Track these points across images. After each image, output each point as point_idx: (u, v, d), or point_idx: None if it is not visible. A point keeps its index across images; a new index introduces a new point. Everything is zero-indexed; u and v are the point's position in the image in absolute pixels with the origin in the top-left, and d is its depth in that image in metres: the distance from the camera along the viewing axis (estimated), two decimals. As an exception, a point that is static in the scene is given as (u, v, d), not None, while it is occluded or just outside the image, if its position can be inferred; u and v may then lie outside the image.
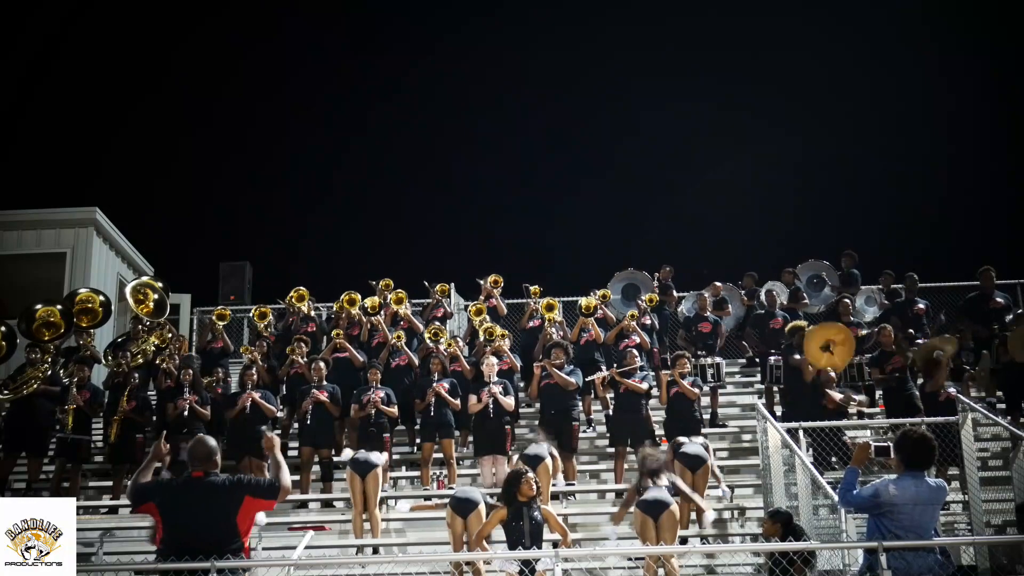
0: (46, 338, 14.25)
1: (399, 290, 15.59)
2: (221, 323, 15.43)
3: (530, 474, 9.24)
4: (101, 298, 15.23)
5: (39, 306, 14.43)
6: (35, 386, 13.37)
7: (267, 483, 6.61)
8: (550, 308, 14.69)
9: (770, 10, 30.20)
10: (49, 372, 13.72)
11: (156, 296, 15.30)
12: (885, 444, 7.27)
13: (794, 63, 29.74)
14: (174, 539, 6.32)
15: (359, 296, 15.33)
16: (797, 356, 13.12)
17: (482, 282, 16.02)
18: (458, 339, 15.21)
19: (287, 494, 6.70)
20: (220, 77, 33.05)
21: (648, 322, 15.18)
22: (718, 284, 16.71)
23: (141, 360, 14.64)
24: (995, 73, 29.27)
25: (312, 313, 16.02)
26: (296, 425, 13.82)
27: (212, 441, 6.74)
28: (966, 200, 28.37)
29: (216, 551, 6.20)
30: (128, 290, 15.65)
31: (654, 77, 31.38)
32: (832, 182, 29.72)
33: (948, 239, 26.66)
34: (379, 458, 11.67)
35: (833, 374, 12.62)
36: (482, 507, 10.01)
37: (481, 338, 14.34)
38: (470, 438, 13.40)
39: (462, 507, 10.04)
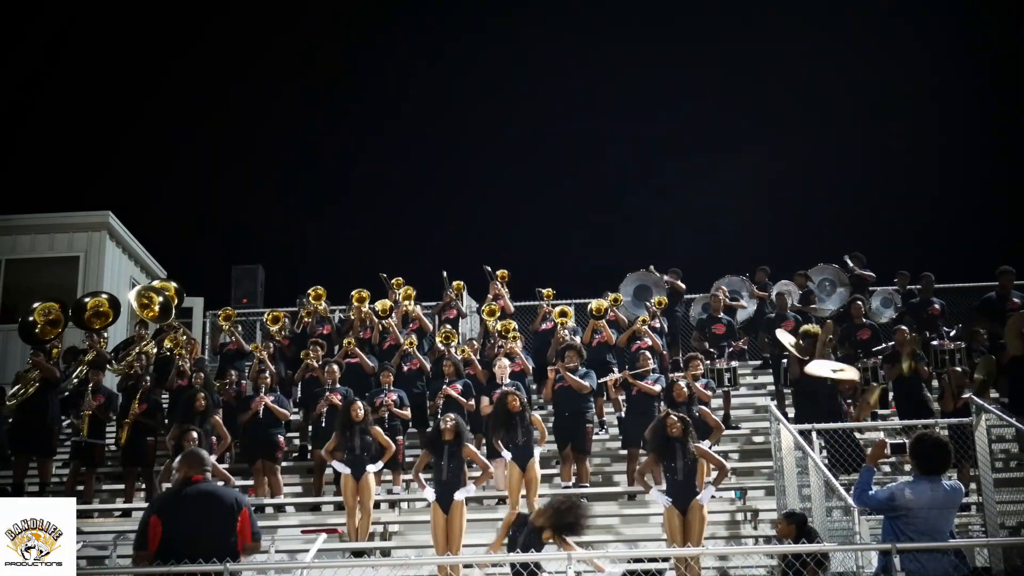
0: (50, 337, 14.34)
1: (408, 287, 15.59)
2: (227, 323, 15.43)
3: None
4: (105, 296, 15.29)
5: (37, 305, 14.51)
6: (35, 387, 13.36)
7: (258, 533, 6.81)
8: (563, 315, 14.64)
9: (779, 10, 30.15)
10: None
11: (161, 299, 15.35)
12: (901, 442, 7.24)
13: (803, 64, 29.71)
14: (175, 539, 6.34)
15: (368, 294, 15.34)
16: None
17: (488, 269, 15.98)
18: (473, 342, 15.19)
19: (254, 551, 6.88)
20: (231, 80, 33.17)
21: (658, 325, 15.14)
22: (724, 288, 16.62)
23: (144, 361, 14.65)
24: (1008, 73, 29.22)
25: (328, 315, 16.03)
26: (311, 428, 13.86)
27: (204, 451, 7.15)
28: (978, 201, 28.32)
29: (217, 551, 6.28)
30: (132, 295, 15.72)
31: (665, 75, 31.37)
32: (844, 182, 29.66)
33: (962, 240, 26.58)
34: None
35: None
36: None
37: (496, 330, 14.33)
38: (483, 441, 13.39)
39: None
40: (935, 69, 28.71)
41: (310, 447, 13.97)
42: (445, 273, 16.47)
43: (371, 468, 11.54)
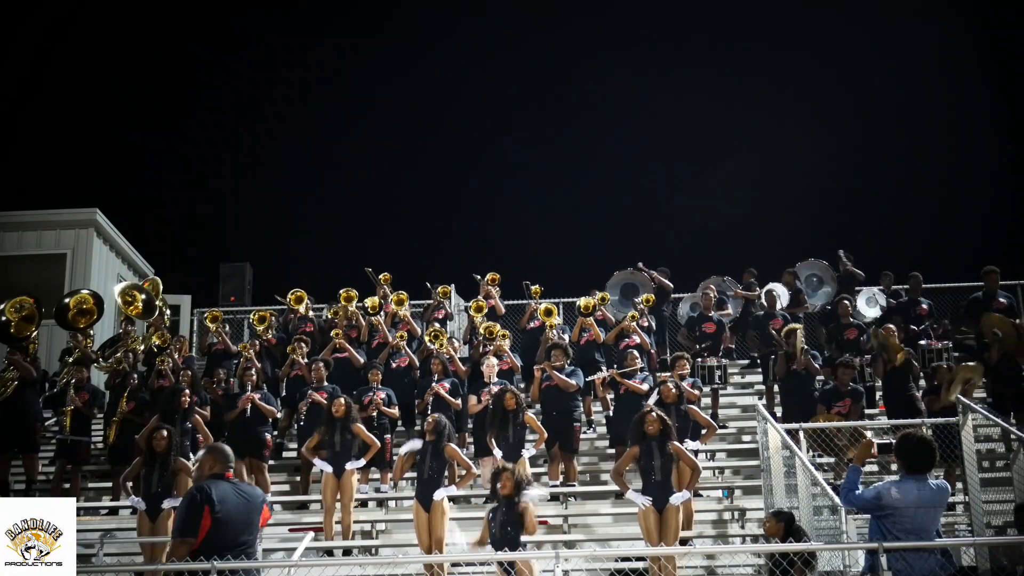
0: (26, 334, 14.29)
1: (400, 291, 15.55)
2: (214, 324, 15.41)
3: (508, 470, 9.22)
4: (87, 292, 15.22)
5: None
6: (13, 385, 13.31)
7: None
8: (548, 313, 14.60)
9: (771, 5, 30.19)
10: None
11: (144, 297, 15.32)
12: (887, 441, 7.26)
13: (795, 61, 29.75)
14: (223, 533, 6.34)
15: (356, 293, 15.33)
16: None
17: (479, 279, 15.98)
18: (455, 340, 15.17)
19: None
20: (219, 77, 33.10)
21: (646, 324, 15.14)
22: (713, 287, 16.60)
23: (132, 359, 14.60)
24: (997, 73, 29.30)
25: (310, 314, 15.99)
26: (296, 427, 13.84)
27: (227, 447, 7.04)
28: (965, 202, 28.40)
29: (253, 548, 6.45)
30: (116, 291, 15.70)
31: (653, 74, 31.39)
32: (832, 182, 29.71)
33: (948, 240, 26.67)
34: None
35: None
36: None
37: (481, 335, 14.34)
38: (470, 439, 13.40)
39: None
40: (924, 69, 28.81)
41: (291, 445, 13.96)
42: (428, 284, 16.47)
43: (350, 466, 11.52)
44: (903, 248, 25.58)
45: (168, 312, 16.80)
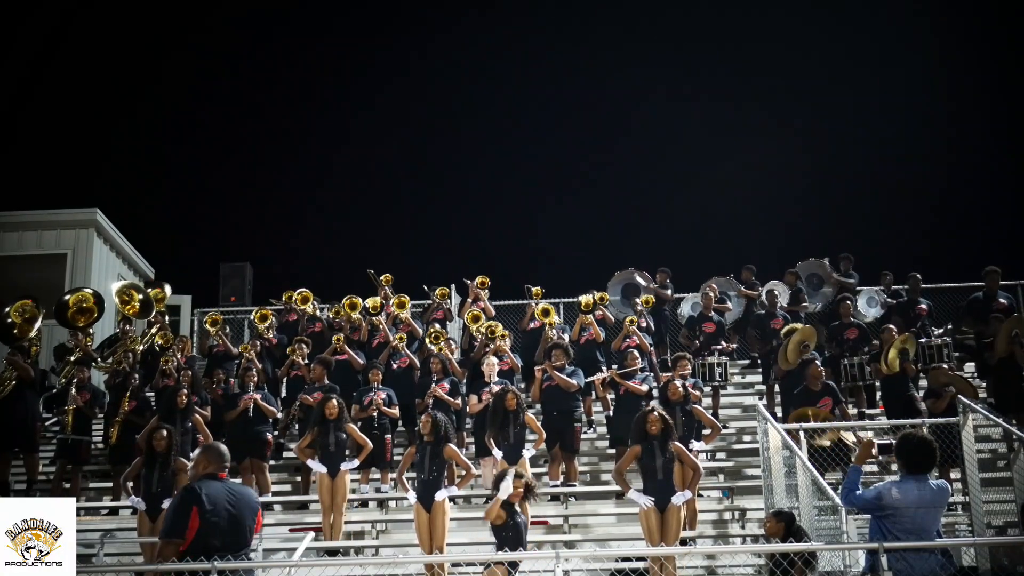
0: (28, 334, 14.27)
1: (401, 295, 15.53)
2: (214, 328, 15.40)
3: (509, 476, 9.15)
4: (89, 292, 15.20)
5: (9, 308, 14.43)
6: (11, 385, 13.31)
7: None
8: (546, 314, 14.56)
9: (771, 6, 30.20)
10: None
11: (141, 296, 15.32)
12: (888, 442, 7.27)
13: (795, 61, 29.74)
14: (213, 534, 6.26)
15: (360, 300, 15.33)
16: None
17: (469, 283, 15.97)
18: (452, 341, 15.15)
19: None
20: (219, 77, 33.10)
21: (644, 324, 15.12)
22: (713, 286, 16.57)
23: (132, 359, 14.58)
24: (997, 73, 29.29)
25: (318, 313, 16.01)
26: (296, 427, 13.85)
27: (223, 446, 6.94)
28: (965, 202, 28.40)
29: (244, 548, 6.37)
30: (114, 290, 15.70)
31: (652, 74, 31.37)
32: (832, 182, 29.71)
33: (948, 240, 26.66)
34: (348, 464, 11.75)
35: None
36: None
37: (483, 335, 14.31)
38: (470, 439, 13.39)
39: None
40: (924, 69, 28.80)
41: (291, 445, 13.97)
42: (426, 287, 16.44)
43: (344, 467, 11.52)
44: (903, 248, 25.61)
45: (166, 316, 16.78)
